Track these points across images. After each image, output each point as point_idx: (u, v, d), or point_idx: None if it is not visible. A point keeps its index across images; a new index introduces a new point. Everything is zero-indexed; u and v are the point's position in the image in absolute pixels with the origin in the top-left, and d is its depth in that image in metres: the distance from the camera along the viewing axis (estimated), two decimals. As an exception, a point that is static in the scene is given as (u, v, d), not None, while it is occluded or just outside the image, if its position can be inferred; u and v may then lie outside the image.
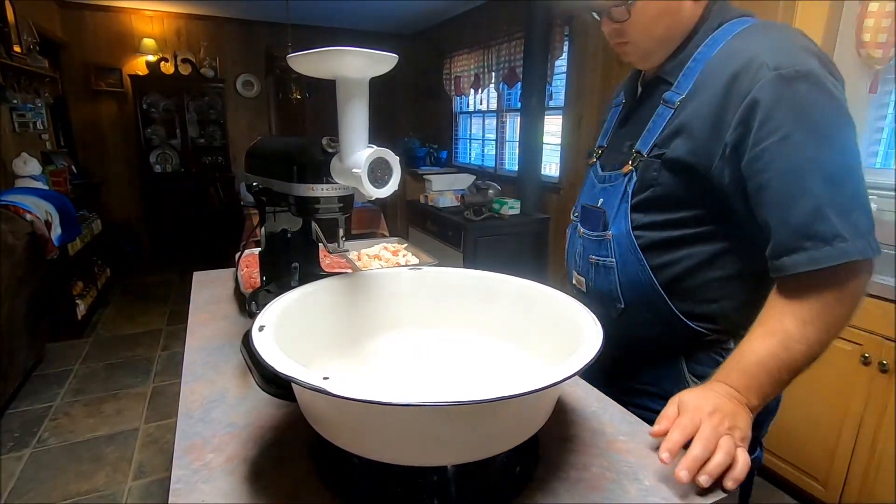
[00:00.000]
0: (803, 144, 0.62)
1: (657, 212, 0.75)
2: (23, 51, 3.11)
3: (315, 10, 4.50)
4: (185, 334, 0.98)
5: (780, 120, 0.63)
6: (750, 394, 0.65)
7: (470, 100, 4.75)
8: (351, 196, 0.75)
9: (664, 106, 0.75)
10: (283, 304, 0.66)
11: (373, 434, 0.50)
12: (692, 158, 0.70)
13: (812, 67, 0.63)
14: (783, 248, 0.64)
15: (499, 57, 3.96)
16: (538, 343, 0.72)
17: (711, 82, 0.69)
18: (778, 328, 0.65)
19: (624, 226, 0.78)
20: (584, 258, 0.86)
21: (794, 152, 0.62)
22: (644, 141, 0.77)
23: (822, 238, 0.62)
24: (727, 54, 0.69)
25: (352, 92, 0.64)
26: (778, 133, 0.63)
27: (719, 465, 0.56)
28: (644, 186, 0.76)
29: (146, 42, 4.55)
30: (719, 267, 0.74)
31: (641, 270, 0.77)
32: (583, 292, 0.88)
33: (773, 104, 0.63)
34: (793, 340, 0.64)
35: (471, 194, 3.50)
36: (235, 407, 0.73)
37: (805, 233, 0.62)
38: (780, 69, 0.63)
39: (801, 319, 0.64)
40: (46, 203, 2.82)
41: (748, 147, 0.65)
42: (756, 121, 0.64)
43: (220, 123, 4.90)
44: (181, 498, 0.54)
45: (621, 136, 0.86)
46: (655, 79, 0.79)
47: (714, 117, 0.68)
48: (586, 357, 0.51)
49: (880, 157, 1.98)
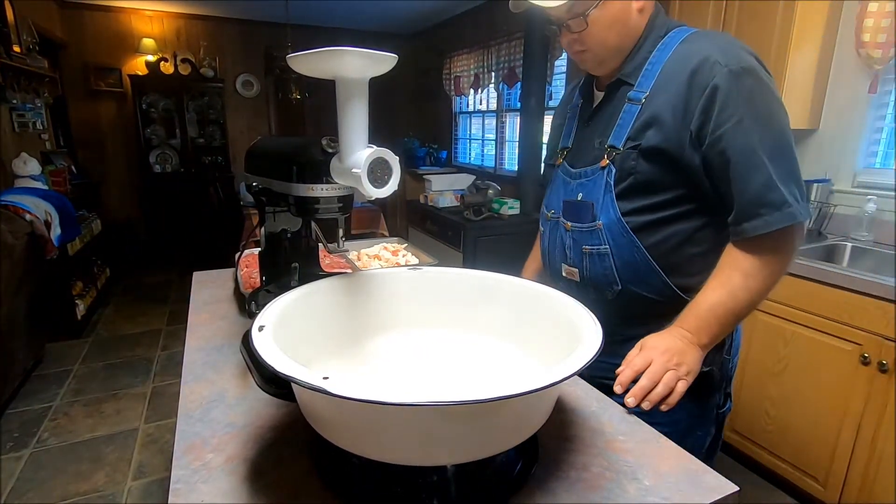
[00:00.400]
0: (753, 127, 0.74)
1: (640, 197, 0.84)
2: (22, 51, 3.11)
3: (314, 10, 4.50)
4: (184, 334, 0.98)
5: (733, 108, 0.75)
6: (701, 334, 0.78)
7: (470, 100, 4.74)
8: (350, 196, 0.75)
9: (630, 104, 0.84)
10: (283, 304, 0.66)
11: (372, 434, 0.50)
12: (665, 145, 0.80)
13: (752, 64, 0.76)
14: (743, 215, 0.77)
15: (498, 57, 3.96)
16: (538, 343, 0.72)
17: (673, 79, 0.79)
18: (726, 281, 0.78)
19: (613, 214, 0.86)
20: (576, 250, 0.92)
21: (747, 134, 0.74)
22: (616, 136, 0.85)
23: (773, 205, 0.74)
24: (683, 55, 0.80)
25: (351, 92, 0.65)
26: (733, 119, 0.75)
27: (658, 394, 0.72)
28: (624, 176, 0.84)
29: (146, 42, 4.55)
30: (697, 243, 0.85)
31: (637, 251, 0.85)
32: (576, 282, 0.94)
33: (727, 95, 0.75)
34: (738, 289, 0.77)
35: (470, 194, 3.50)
36: (235, 407, 0.73)
37: (761, 201, 0.75)
38: (729, 66, 0.75)
39: (745, 273, 0.77)
40: (46, 203, 2.82)
41: (709, 132, 0.76)
42: (715, 109, 0.75)
43: (219, 123, 4.90)
44: (181, 498, 0.54)
45: (587, 134, 0.94)
46: (616, 82, 0.88)
47: (681, 107, 0.78)
48: (586, 357, 0.51)
49: (880, 157, 1.98)
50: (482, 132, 4.66)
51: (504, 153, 4.31)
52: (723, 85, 0.75)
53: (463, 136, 5.03)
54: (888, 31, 1.75)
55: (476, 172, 4.54)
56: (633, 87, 0.85)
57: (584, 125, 0.96)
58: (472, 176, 4.31)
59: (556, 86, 3.52)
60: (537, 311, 0.73)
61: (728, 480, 0.58)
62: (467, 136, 4.95)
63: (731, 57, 0.76)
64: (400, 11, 4.56)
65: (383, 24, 5.18)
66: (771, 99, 0.77)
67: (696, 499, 0.55)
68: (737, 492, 0.57)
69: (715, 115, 0.76)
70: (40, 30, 3.56)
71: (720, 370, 0.90)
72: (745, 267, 0.78)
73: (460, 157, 5.09)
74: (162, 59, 4.57)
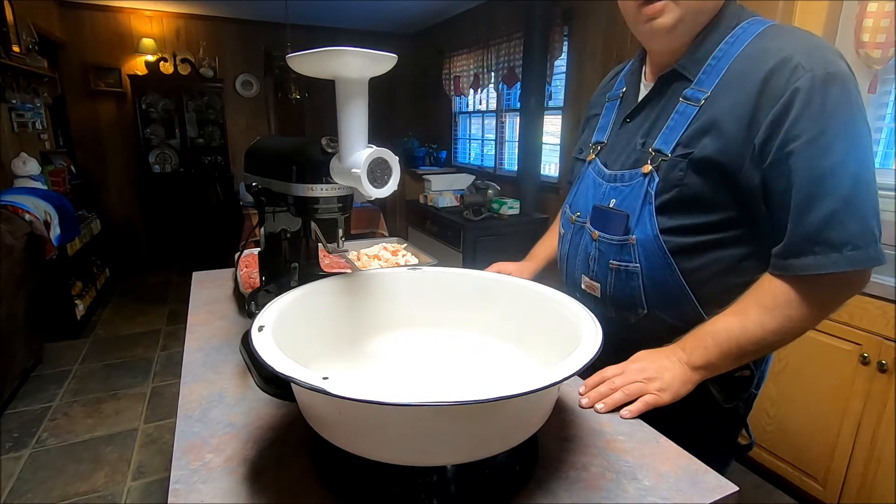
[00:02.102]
0: (830, 148, 0.62)
1: (684, 214, 0.73)
2: (22, 51, 3.10)
3: (314, 10, 4.49)
4: (184, 334, 0.98)
5: (809, 121, 0.63)
6: (693, 354, 0.71)
7: (469, 100, 4.74)
8: (350, 196, 0.75)
9: (686, 103, 0.72)
10: (283, 304, 0.66)
11: (372, 434, 0.50)
12: (723, 158, 0.68)
13: (842, 69, 0.64)
14: (793, 250, 0.65)
15: (498, 57, 3.96)
16: (537, 343, 0.72)
17: (743, 80, 0.67)
18: (742, 310, 0.70)
19: (650, 229, 0.74)
20: (601, 263, 0.81)
21: (821, 154, 0.62)
22: (665, 139, 0.74)
23: (832, 245, 0.63)
24: (757, 53, 0.68)
25: (351, 92, 0.64)
26: (806, 135, 0.63)
27: (614, 400, 0.69)
28: (668, 187, 0.73)
29: (145, 42, 4.54)
30: (741, 273, 0.73)
31: (672, 275, 0.74)
32: (595, 297, 0.84)
33: (805, 105, 0.63)
34: (751, 323, 0.68)
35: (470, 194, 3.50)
36: (234, 407, 0.73)
37: (818, 237, 0.63)
38: (814, 70, 0.63)
39: (765, 308, 0.68)
40: (45, 203, 2.82)
41: (775, 147, 0.65)
42: (788, 121, 0.63)
43: (219, 123, 4.89)
44: (180, 498, 0.54)
45: (629, 131, 0.82)
46: (671, 73, 0.76)
47: (748, 116, 0.66)
48: (585, 357, 0.51)
49: (880, 158, 1.98)
50: (482, 132, 4.66)
51: (504, 153, 4.31)
52: (802, 93, 0.62)
53: (463, 136, 5.03)
54: (888, 31, 1.75)
55: (476, 172, 4.54)
56: (692, 83, 0.73)
57: (625, 120, 0.84)
58: (471, 176, 4.31)
59: (555, 86, 3.52)
60: (537, 311, 0.73)
61: (728, 480, 0.58)
62: (467, 136, 4.95)
63: (817, 60, 0.63)
64: (400, 11, 4.56)
65: (383, 24, 5.17)
66: (858, 115, 0.64)
67: (696, 499, 0.55)
68: (736, 492, 0.56)
69: (786, 129, 0.63)
70: (39, 30, 3.56)
71: (746, 405, 0.83)
72: (768, 303, 0.68)
73: (460, 157, 5.09)
74: (161, 59, 4.57)
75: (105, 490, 1.83)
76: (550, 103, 3.53)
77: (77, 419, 2.26)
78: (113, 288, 4.03)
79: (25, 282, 2.46)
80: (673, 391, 0.69)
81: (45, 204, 2.81)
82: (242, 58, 5.00)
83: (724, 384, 0.79)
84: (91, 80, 4.49)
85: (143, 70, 4.57)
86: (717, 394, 0.79)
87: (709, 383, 0.76)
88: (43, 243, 2.64)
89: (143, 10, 4.56)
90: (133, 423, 2.24)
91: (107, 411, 2.33)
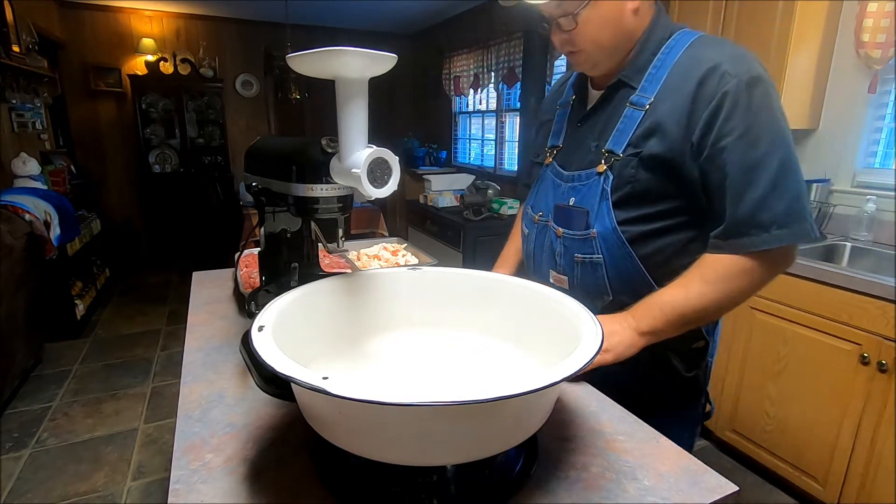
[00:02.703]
0: (756, 142, 0.72)
1: (637, 207, 0.81)
2: (22, 51, 3.10)
3: (314, 10, 4.49)
4: (184, 334, 0.98)
5: (738, 120, 0.72)
6: (641, 321, 0.78)
7: (469, 100, 4.74)
8: (350, 196, 0.75)
9: (632, 108, 0.81)
10: (283, 304, 0.66)
11: (372, 434, 0.50)
12: (667, 154, 0.77)
13: (762, 74, 0.74)
14: (731, 232, 0.75)
15: (498, 57, 3.96)
16: (537, 343, 0.72)
17: (680, 86, 0.77)
18: (687, 283, 0.78)
19: (609, 223, 0.83)
20: (567, 257, 0.89)
21: (749, 148, 0.72)
22: (616, 141, 0.82)
23: (762, 226, 0.73)
24: (690, 62, 0.77)
25: (351, 92, 0.64)
26: (736, 132, 0.72)
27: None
28: (622, 184, 0.81)
29: (145, 42, 4.54)
30: (689, 254, 0.82)
31: (631, 262, 0.83)
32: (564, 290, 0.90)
33: (733, 106, 0.72)
34: (694, 295, 0.77)
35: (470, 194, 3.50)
36: (234, 407, 0.73)
37: (752, 220, 0.73)
38: (739, 76, 0.73)
39: (706, 281, 0.77)
40: (45, 203, 2.82)
41: (709, 143, 0.74)
42: (719, 120, 0.73)
43: (219, 123, 4.89)
44: (180, 498, 0.54)
45: (582, 135, 0.90)
46: (616, 83, 0.85)
47: (686, 117, 0.75)
48: (585, 357, 0.51)
49: (879, 157, 1.98)
50: (482, 132, 4.66)
51: (503, 153, 4.31)
52: (730, 96, 0.72)
53: (462, 136, 5.02)
54: (887, 31, 1.75)
55: (476, 172, 4.54)
56: (636, 90, 0.82)
57: (577, 125, 0.92)
58: (471, 176, 4.31)
59: (555, 86, 3.51)
60: (537, 311, 0.73)
61: (728, 480, 0.58)
62: (467, 136, 4.95)
63: (741, 66, 0.73)
64: (400, 11, 4.56)
65: (383, 24, 5.17)
66: (778, 112, 0.74)
67: (695, 499, 0.55)
68: (736, 492, 0.57)
69: (718, 127, 0.73)
70: (39, 30, 3.56)
71: (704, 374, 0.91)
72: (709, 277, 0.77)
73: (460, 157, 5.09)
74: (161, 59, 4.57)
75: (105, 490, 1.83)
76: (550, 103, 3.52)
77: (77, 419, 2.26)
78: (113, 288, 4.03)
79: (25, 282, 2.46)
80: (616, 353, 0.77)
81: (45, 204, 2.81)
82: (242, 58, 5.00)
83: (684, 355, 0.88)
84: (91, 80, 4.49)
85: (143, 70, 4.57)
86: (679, 364, 0.88)
87: (670, 355, 0.87)
88: (43, 243, 2.64)
89: (143, 10, 4.56)
90: (133, 423, 2.24)
91: (107, 411, 2.33)
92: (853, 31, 1.85)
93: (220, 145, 4.92)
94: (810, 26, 1.89)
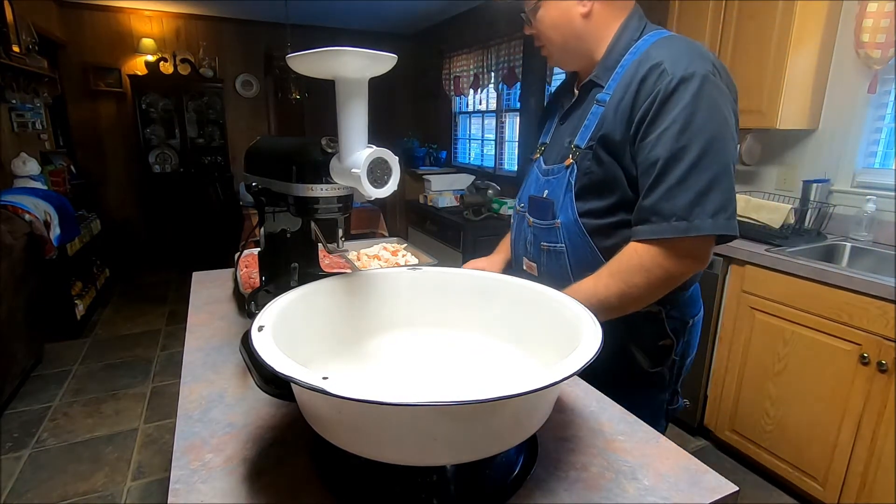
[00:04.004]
0: (678, 136, 0.75)
1: (594, 198, 0.86)
2: (21, 51, 3.10)
3: (314, 10, 4.49)
4: (184, 334, 0.98)
5: (665, 116, 0.76)
6: None
7: (469, 100, 4.74)
8: (350, 196, 0.75)
9: (597, 105, 0.87)
10: (283, 304, 0.66)
11: (372, 434, 0.50)
12: (612, 148, 0.82)
13: (698, 71, 0.75)
14: (637, 220, 0.80)
15: (498, 57, 3.96)
16: (537, 343, 0.72)
17: (629, 84, 0.81)
18: (600, 273, 0.83)
19: (571, 214, 0.88)
20: (535, 245, 0.96)
21: (669, 142, 0.75)
22: (581, 136, 0.88)
23: (662, 215, 0.76)
24: (642, 60, 0.81)
25: (351, 92, 0.64)
26: (661, 127, 0.76)
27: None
28: (581, 175, 0.87)
29: (145, 42, 4.54)
30: None
31: (591, 252, 0.88)
32: (535, 277, 0.96)
33: (664, 104, 0.76)
34: (600, 284, 0.81)
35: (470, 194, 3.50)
36: (234, 407, 0.73)
37: (654, 208, 0.77)
38: (674, 74, 0.75)
39: (611, 272, 0.81)
40: (45, 203, 2.82)
41: (639, 138, 0.79)
42: (649, 117, 0.77)
43: (219, 123, 4.89)
44: (180, 498, 0.54)
45: (561, 133, 0.96)
46: (588, 82, 0.90)
47: (628, 113, 0.80)
48: (585, 357, 0.51)
49: (879, 157, 1.98)
50: (482, 132, 4.66)
51: (503, 153, 4.31)
52: (662, 93, 0.75)
53: (462, 136, 5.03)
54: (887, 31, 1.75)
55: (476, 172, 4.54)
56: (603, 89, 0.87)
57: (560, 123, 0.98)
58: (471, 176, 4.31)
59: (555, 86, 3.51)
60: (537, 311, 0.73)
61: (728, 480, 0.58)
62: (467, 136, 4.95)
63: (679, 65, 0.76)
64: (400, 11, 4.56)
65: (383, 24, 5.17)
66: (707, 108, 0.75)
67: (695, 499, 0.55)
68: (736, 492, 0.57)
69: (647, 122, 0.77)
70: (39, 30, 3.56)
71: (671, 371, 0.94)
72: (615, 268, 0.81)
73: (460, 157, 5.09)
74: (161, 59, 4.57)
75: (105, 490, 1.83)
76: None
77: (77, 419, 2.26)
78: (113, 288, 4.03)
79: (25, 282, 2.46)
80: None
81: (45, 204, 2.81)
82: (242, 58, 5.00)
83: (648, 351, 0.92)
84: (91, 80, 4.49)
85: (143, 70, 4.57)
86: (642, 360, 0.92)
87: (633, 348, 0.91)
88: (43, 243, 2.64)
89: (143, 10, 4.56)
90: (133, 423, 2.24)
91: (107, 411, 2.33)
92: (853, 31, 1.85)
93: (220, 145, 4.91)
94: (810, 26, 1.89)
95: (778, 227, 1.94)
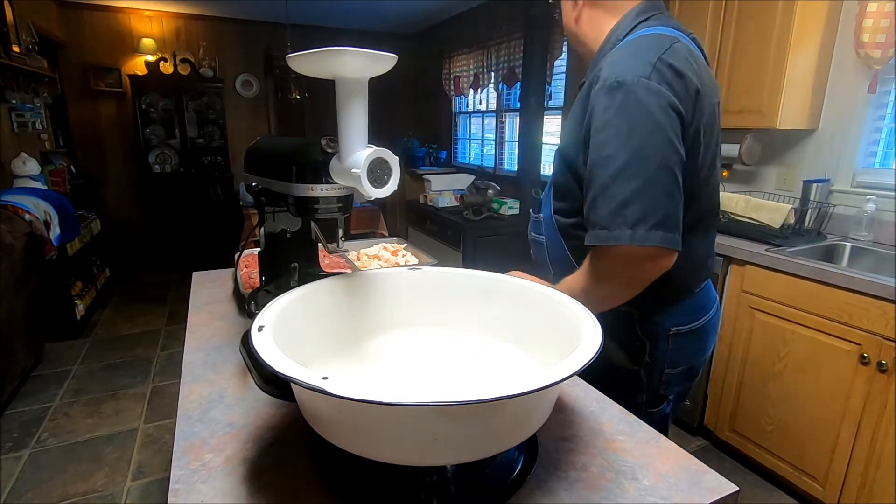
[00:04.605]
0: (604, 144, 0.75)
1: (560, 199, 0.91)
2: (21, 51, 3.10)
3: (314, 10, 4.49)
4: (184, 334, 0.98)
5: (595, 124, 0.76)
6: None
7: (469, 100, 4.74)
8: (350, 196, 0.75)
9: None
10: (283, 304, 0.66)
11: (372, 434, 0.50)
12: (569, 151, 0.85)
13: (627, 79, 0.73)
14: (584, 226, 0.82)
15: (498, 57, 3.96)
16: (537, 343, 0.72)
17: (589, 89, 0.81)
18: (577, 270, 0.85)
19: (548, 210, 0.94)
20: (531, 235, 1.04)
21: (597, 150, 0.76)
22: (561, 137, 0.93)
23: (591, 224, 0.78)
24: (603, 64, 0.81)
25: (351, 92, 0.64)
26: (595, 135, 0.76)
27: None
28: (553, 176, 0.93)
29: (145, 42, 4.54)
30: None
31: (561, 247, 0.93)
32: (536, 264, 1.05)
33: (596, 111, 0.76)
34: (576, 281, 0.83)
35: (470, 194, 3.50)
36: (234, 407, 0.73)
37: (587, 217, 0.79)
38: (606, 81, 0.75)
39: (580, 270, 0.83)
40: (45, 203, 2.82)
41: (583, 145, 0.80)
42: (593, 127, 0.77)
43: (219, 123, 4.89)
44: (180, 498, 0.54)
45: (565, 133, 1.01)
46: (582, 84, 0.90)
47: (579, 121, 0.82)
48: (585, 357, 0.51)
49: (879, 158, 1.98)
50: (482, 132, 4.66)
51: (504, 153, 4.31)
52: (597, 101, 0.76)
53: (462, 136, 5.03)
54: (887, 31, 1.75)
55: (476, 172, 4.54)
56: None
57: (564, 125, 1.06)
58: (471, 176, 4.31)
59: (555, 86, 3.52)
60: (537, 311, 0.73)
61: (728, 480, 0.58)
62: (467, 136, 4.95)
63: (613, 71, 0.75)
64: (400, 11, 4.56)
65: (383, 24, 5.17)
66: (638, 115, 0.72)
67: (695, 499, 0.55)
68: (736, 492, 0.57)
69: (585, 129, 0.79)
70: (39, 30, 3.56)
71: (648, 373, 0.95)
72: (582, 266, 0.83)
73: (460, 157, 5.09)
74: (161, 59, 4.57)
75: (105, 490, 1.83)
76: (550, 103, 3.53)
77: (77, 419, 2.26)
78: (113, 288, 4.03)
79: (25, 282, 2.46)
80: None
81: (45, 204, 2.81)
82: (242, 58, 5.00)
83: (625, 350, 0.95)
84: (91, 80, 4.49)
85: (143, 70, 4.57)
86: (619, 356, 0.96)
87: (611, 345, 0.95)
88: (43, 243, 2.64)
89: (143, 10, 4.56)
90: (133, 423, 2.24)
91: (107, 411, 2.33)
92: (853, 31, 1.85)
93: (220, 145, 4.91)
94: (810, 26, 1.89)
95: (778, 227, 1.94)
